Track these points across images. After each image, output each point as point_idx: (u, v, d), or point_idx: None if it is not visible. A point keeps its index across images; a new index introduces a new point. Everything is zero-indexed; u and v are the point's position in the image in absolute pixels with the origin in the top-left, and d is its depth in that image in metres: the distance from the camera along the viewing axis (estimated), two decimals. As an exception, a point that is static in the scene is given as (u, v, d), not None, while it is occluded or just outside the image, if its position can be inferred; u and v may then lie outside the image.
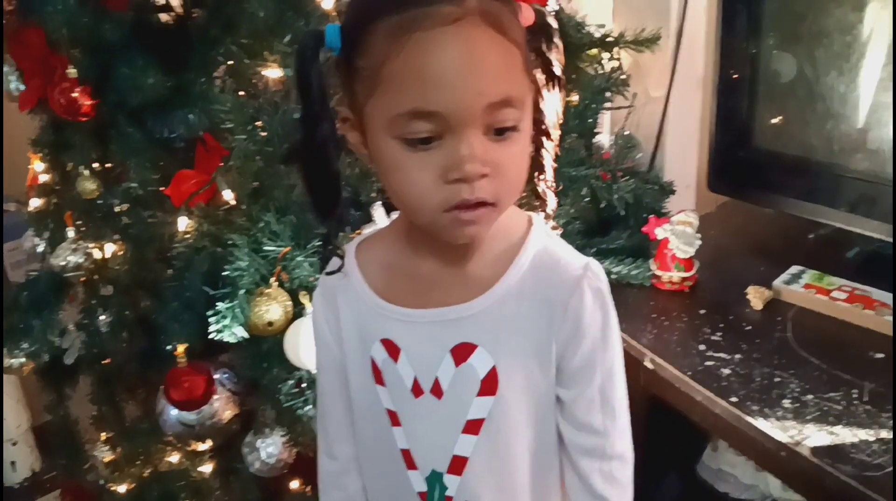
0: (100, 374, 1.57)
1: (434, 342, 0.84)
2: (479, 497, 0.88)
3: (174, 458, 1.53)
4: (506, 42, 0.72)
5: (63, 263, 1.39)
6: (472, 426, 0.86)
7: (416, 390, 0.86)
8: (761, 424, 1.09)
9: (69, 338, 1.53)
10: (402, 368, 0.86)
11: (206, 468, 1.50)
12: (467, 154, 0.71)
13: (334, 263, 0.89)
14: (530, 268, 0.82)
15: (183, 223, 1.30)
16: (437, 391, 0.85)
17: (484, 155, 0.72)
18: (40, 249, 1.54)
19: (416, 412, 0.87)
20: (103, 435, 1.61)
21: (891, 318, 1.25)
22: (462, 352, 0.83)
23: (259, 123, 1.28)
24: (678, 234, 1.37)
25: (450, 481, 0.88)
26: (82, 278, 1.44)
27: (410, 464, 0.89)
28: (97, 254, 1.41)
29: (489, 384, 0.84)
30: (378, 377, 0.88)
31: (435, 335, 0.84)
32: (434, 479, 0.88)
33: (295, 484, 1.47)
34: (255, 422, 1.37)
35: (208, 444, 1.48)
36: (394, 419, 0.88)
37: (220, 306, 1.21)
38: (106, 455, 1.59)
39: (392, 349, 0.86)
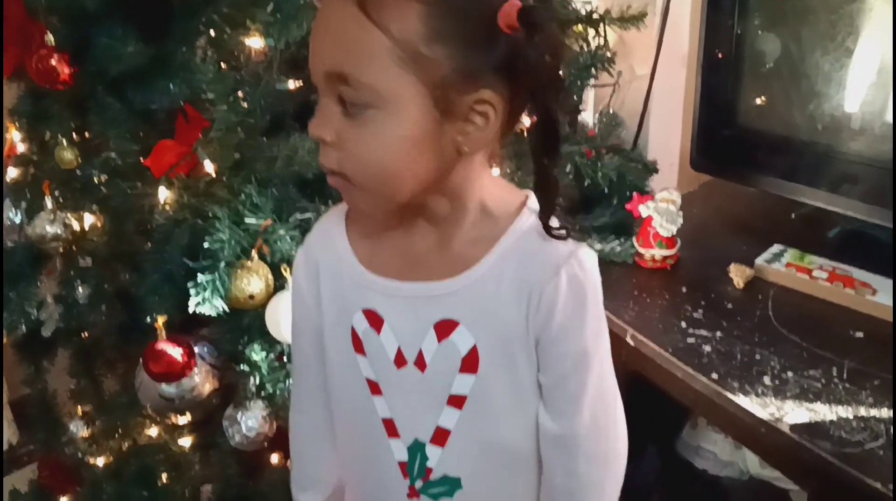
0: (78, 347, 1.56)
1: (417, 315, 0.84)
2: (459, 473, 0.89)
3: (153, 432, 1.52)
4: (366, 23, 0.70)
5: (41, 233, 1.37)
6: (456, 401, 0.86)
7: (399, 360, 0.85)
8: (741, 401, 1.10)
9: (47, 310, 1.51)
10: (385, 338, 0.85)
11: (186, 442, 1.49)
12: (315, 116, 0.75)
13: (317, 226, 0.90)
14: (515, 250, 0.81)
15: (163, 195, 1.28)
16: (420, 363, 0.85)
17: (328, 122, 0.74)
18: (17, 219, 1.51)
19: (398, 383, 0.87)
20: (81, 409, 1.60)
21: (871, 297, 1.25)
22: (444, 328, 0.83)
23: (241, 94, 1.26)
24: (661, 212, 1.37)
25: (432, 452, 0.88)
26: (60, 250, 1.41)
27: (392, 433, 0.89)
28: (76, 225, 1.39)
29: (470, 362, 0.84)
30: (358, 346, 0.88)
31: (418, 309, 0.84)
32: (416, 449, 0.88)
33: (275, 459, 1.47)
34: (235, 396, 1.36)
35: (188, 418, 1.47)
36: (374, 388, 0.88)
37: (201, 278, 1.20)
38: (84, 428, 1.58)
39: (374, 320, 0.86)
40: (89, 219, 1.40)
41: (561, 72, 0.76)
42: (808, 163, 1.40)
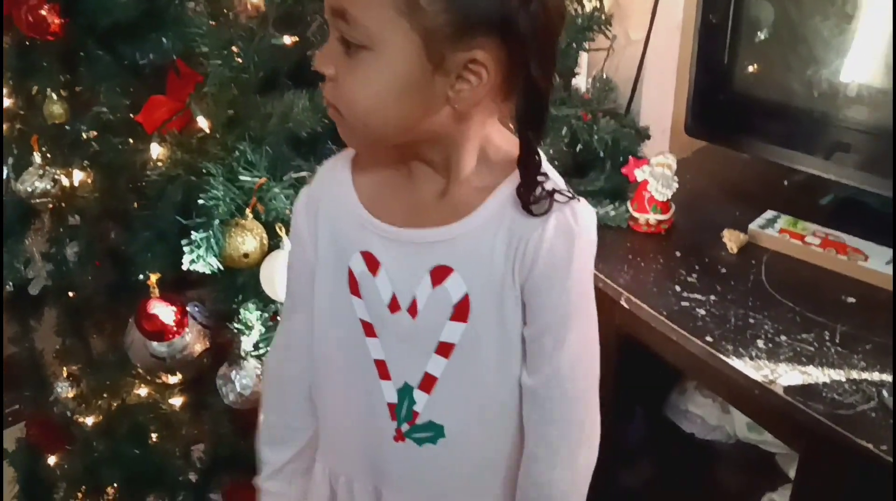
0: (66, 306, 1.54)
1: (414, 261, 0.85)
2: (444, 420, 0.90)
3: (142, 391, 1.51)
4: None
5: (30, 189, 1.35)
6: (444, 349, 0.87)
7: (393, 306, 0.87)
8: (736, 363, 1.11)
9: (34, 268, 1.49)
10: (381, 282, 0.86)
11: (177, 401, 1.48)
12: (321, 49, 0.78)
13: (323, 168, 0.92)
14: (512, 199, 0.81)
15: (156, 151, 1.26)
16: (412, 309, 0.86)
17: (330, 57, 0.77)
18: (3, 175, 1.49)
19: (391, 327, 0.88)
20: (66, 369, 1.59)
21: (863, 263, 1.26)
22: (439, 274, 0.84)
23: (235, 49, 1.24)
24: (657, 176, 1.37)
25: (419, 396, 0.90)
26: (49, 206, 1.39)
27: (384, 375, 0.90)
28: (65, 181, 1.37)
29: (461, 311, 0.85)
30: (354, 288, 0.89)
31: (415, 255, 0.85)
32: (405, 392, 0.90)
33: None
34: (228, 354, 1.35)
35: (178, 377, 1.46)
36: (368, 330, 0.89)
37: (195, 235, 1.19)
38: (72, 388, 1.57)
39: (371, 263, 0.87)
40: (79, 175, 1.38)
41: (554, 46, 0.77)
42: (804, 130, 1.40)
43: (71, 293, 1.53)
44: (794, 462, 1.39)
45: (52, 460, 1.61)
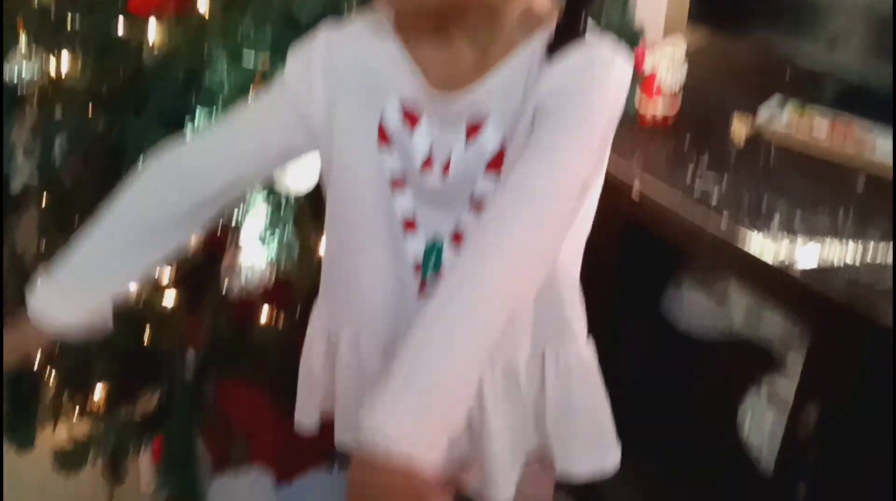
0: (52, 201, 1.48)
1: (451, 118, 0.84)
2: None
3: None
4: None
5: (14, 75, 1.28)
6: (477, 204, 0.86)
7: (427, 163, 0.86)
8: (751, 242, 1.11)
9: (17, 162, 1.43)
10: (418, 137, 0.85)
11: (170, 301, 1.45)
12: None
13: (355, 21, 0.89)
14: (544, 48, 0.79)
15: (153, 31, 1.20)
16: (446, 166, 0.85)
17: None
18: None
19: (421, 184, 0.87)
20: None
21: (870, 145, 1.28)
22: (474, 128, 0.84)
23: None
24: (666, 63, 1.35)
25: (447, 254, 0.89)
26: (36, 94, 1.32)
27: (412, 231, 0.90)
28: (53, 66, 1.30)
29: (497, 160, 0.84)
30: (385, 142, 0.87)
31: (453, 114, 0.84)
32: (433, 248, 0.89)
33: (264, 319, 1.45)
34: (224, 250, 1.32)
35: (172, 274, 1.43)
36: (397, 186, 0.88)
37: (199, 118, 1.14)
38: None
39: (410, 117, 0.85)
40: (68, 60, 1.31)
41: None
42: (808, 17, 1.39)
43: (58, 187, 1.46)
44: (791, 350, 1.42)
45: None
